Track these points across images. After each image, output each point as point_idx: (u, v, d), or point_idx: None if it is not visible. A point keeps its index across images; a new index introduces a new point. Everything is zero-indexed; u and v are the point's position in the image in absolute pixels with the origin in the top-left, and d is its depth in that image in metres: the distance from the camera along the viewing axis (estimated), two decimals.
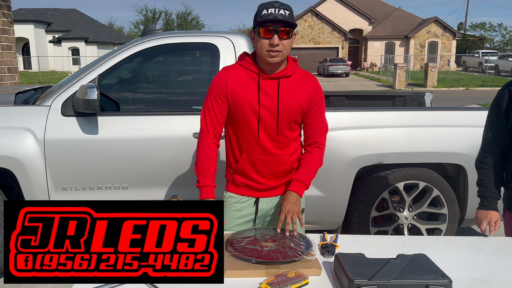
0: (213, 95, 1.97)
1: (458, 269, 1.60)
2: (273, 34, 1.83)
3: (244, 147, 2.01)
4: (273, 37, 1.82)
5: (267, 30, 1.83)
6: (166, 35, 3.33)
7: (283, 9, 1.82)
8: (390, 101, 4.83)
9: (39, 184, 3.02)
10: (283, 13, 1.81)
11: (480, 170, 2.09)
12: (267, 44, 1.84)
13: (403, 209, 3.39)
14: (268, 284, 1.44)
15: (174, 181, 3.14)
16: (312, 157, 2.05)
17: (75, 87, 3.08)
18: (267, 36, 1.84)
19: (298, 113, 1.97)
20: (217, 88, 1.96)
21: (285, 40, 1.85)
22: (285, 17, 1.81)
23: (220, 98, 1.95)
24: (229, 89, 1.94)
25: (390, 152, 3.20)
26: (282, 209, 1.92)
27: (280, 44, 1.84)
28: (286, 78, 1.95)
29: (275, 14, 1.80)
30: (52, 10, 43.19)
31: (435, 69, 22.11)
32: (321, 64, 33.92)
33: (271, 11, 1.81)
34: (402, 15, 42.58)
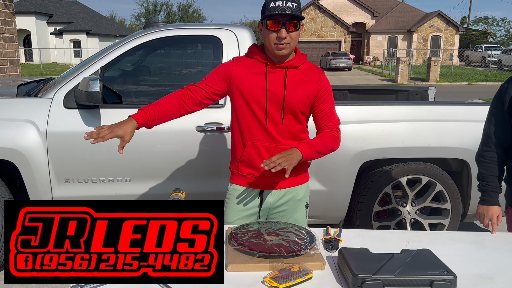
0: (213, 72, 2.01)
1: (463, 265, 1.59)
2: (281, 27, 1.84)
3: (249, 135, 2.01)
4: (281, 30, 1.84)
5: (275, 23, 1.85)
6: (169, 27, 3.31)
7: (291, 1, 1.83)
8: (394, 96, 4.81)
9: (42, 176, 3.01)
10: (291, 6, 1.82)
11: (481, 164, 2.08)
12: (275, 37, 1.86)
13: (406, 204, 3.39)
14: (272, 278, 1.44)
15: (176, 174, 3.13)
16: (325, 135, 2.00)
17: (78, 79, 3.07)
18: (275, 29, 1.85)
19: (304, 103, 1.97)
20: (220, 68, 2.00)
21: (293, 33, 1.87)
22: (292, 10, 1.82)
23: (219, 78, 1.98)
24: (234, 74, 1.96)
25: (393, 146, 3.19)
26: (277, 154, 1.82)
27: (288, 36, 1.86)
28: (293, 69, 1.96)
29: (283, 7, 1.81)
30: (53, 2, 43.02)
31: (437, 64, 22.02)
32: (323, 58, 33.81)
33: (278, 3, 1.82)
34: (405, 9, 42.35)
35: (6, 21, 7.37)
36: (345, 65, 31.18)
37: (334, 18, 39.31)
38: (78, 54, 36.43)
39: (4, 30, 7.30)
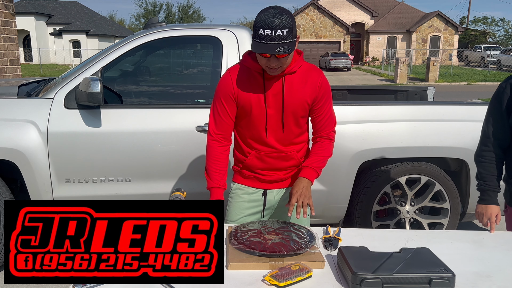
0: (221, 98, 1.96)
1: (461, 263, 1.60)
2: (270, 56, 1.77)
3: (252, 144, 2.01)
4: (270, 59, 1.78)
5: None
6: (169, 28, 3.32)
7: (280, 29, 1.70)
8: (393, 95, 4.82)
9: (42, 176, 3.02)
10: (280, 34, 1.70)
11: (480, 164, 2.09)
12: (265, 62, 1.80)
13: (405, 203, 3.40)
14: (272, 276, 1.45)
15: (177, 174, 3.14)
16: (322, 147, 2.04)
17: (78, 80, 3.07)
18: (265, 56, 1.78)
19: (303, 108, 1.96)
20: (224, 91, 1.95)
21: (283, 58, 1.79)
22: (282, 38, 1.71)
23: (228, 101, 1.94)
24: (235, 91, 1.93)
25: (392, 146, 3.20)
26: (293, 194, 1.89)
27: (278, 62, 1.79)
28: (291, 75, 1.92)
29: (272, 37, 1.70)
30: (53, 2, 43.03)
31: (437, 64, 22.03)
32: (323, 58, 33.81)
33: (267, 32, 1.70)
34: (404, 9, 42.36)
35: (6, 22, 7.38)
36: (344, 65, 31.18)
37: (334, 18, 39.31)
38: (77, 54, 36.42)
39: (4, 30, 7.31)
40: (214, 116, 1.99)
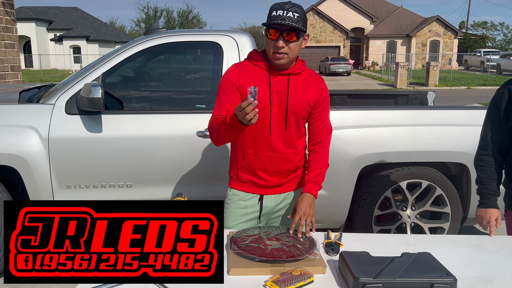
0: (225, 89, 1.96)
1: (462, 268, 1.60)
2: (279, 37, 1.82)
3: (252, 143, 2.01)
4: (278, 40, 1.83)
5: (274, 32, 1.83)
6: (170, 33, 3.33)
7: (292, 12, 1.79)
8: (393, 100, 4.83)
9: (43, 182, 3.03)
10: (291, 16, 1.79)
11: (479, 168, 2.10)
12: (273, 45, 1.85)
13: (406, 208, 3.40)
14: (274, 282, 1.45)
15: (177, 180, 3.15)
16: (320, 157, 2.06)
17: (79, 85, 3.08)
18: (274, 38, 1.84)
19: (305, 109, 1.99)
20: (228, 82, 1.96)
21: (292, 43, 1.84)
22: (293, 20, 1.79)
23: (232, 91, 1.94)
24: (241, 83, 1.94)
25: (393, 151, 3.21)
26: (298, 211, 1.91)
27: (286, 46, 1.84)
28: (295, 75, 1.97)
29: (283, 16, 1.78)
30: (53, 8, 43.17)
31: (436, 68, 22.07)
32: (323, 63, 33.87)
33: (279, 12, 1.79)
34: (404, 14, 42.49)
35: (7, 28, 7.41)
36: (344, 70, 31.23)
37: (333, 23, 39.43)
38: (78, 60, 36.49)
39: (5, 37, 7.33)
40: (217, 106, 1.95)
